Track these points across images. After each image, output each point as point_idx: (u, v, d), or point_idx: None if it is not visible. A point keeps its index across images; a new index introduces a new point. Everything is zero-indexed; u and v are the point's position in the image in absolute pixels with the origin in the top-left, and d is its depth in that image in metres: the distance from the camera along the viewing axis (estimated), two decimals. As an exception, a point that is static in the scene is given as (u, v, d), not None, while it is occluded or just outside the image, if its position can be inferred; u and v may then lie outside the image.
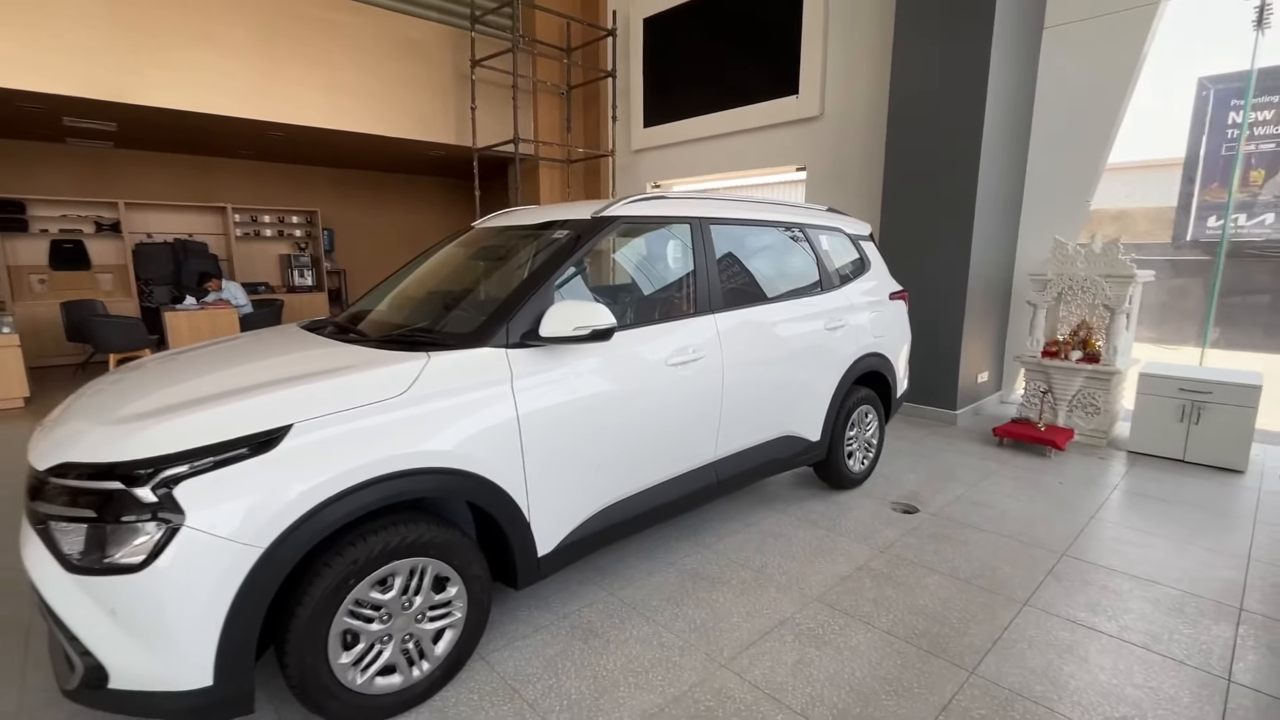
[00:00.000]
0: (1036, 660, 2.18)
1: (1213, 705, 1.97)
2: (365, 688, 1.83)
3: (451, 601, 1.99)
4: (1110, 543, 3.07)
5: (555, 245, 2.46)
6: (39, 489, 1.65)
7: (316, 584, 1.68)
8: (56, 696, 2.00)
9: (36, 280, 8.06)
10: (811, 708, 1.95)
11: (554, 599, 2.56)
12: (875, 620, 2.42)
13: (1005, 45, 4.72)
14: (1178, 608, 2.51)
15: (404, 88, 7.34)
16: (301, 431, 1.66)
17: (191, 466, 1.54)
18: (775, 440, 3.12)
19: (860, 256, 3.78)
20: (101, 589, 1.51)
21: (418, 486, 1.83)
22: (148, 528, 1.50)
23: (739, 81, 6.97)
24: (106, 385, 2.11)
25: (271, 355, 2.20)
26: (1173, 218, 8.08)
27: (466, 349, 2.04)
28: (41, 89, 5.45)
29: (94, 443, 1.61)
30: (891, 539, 3.10)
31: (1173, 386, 4.19)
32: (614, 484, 2.39)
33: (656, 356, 2.48)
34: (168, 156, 8.80)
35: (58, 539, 1.56)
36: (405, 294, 2.92)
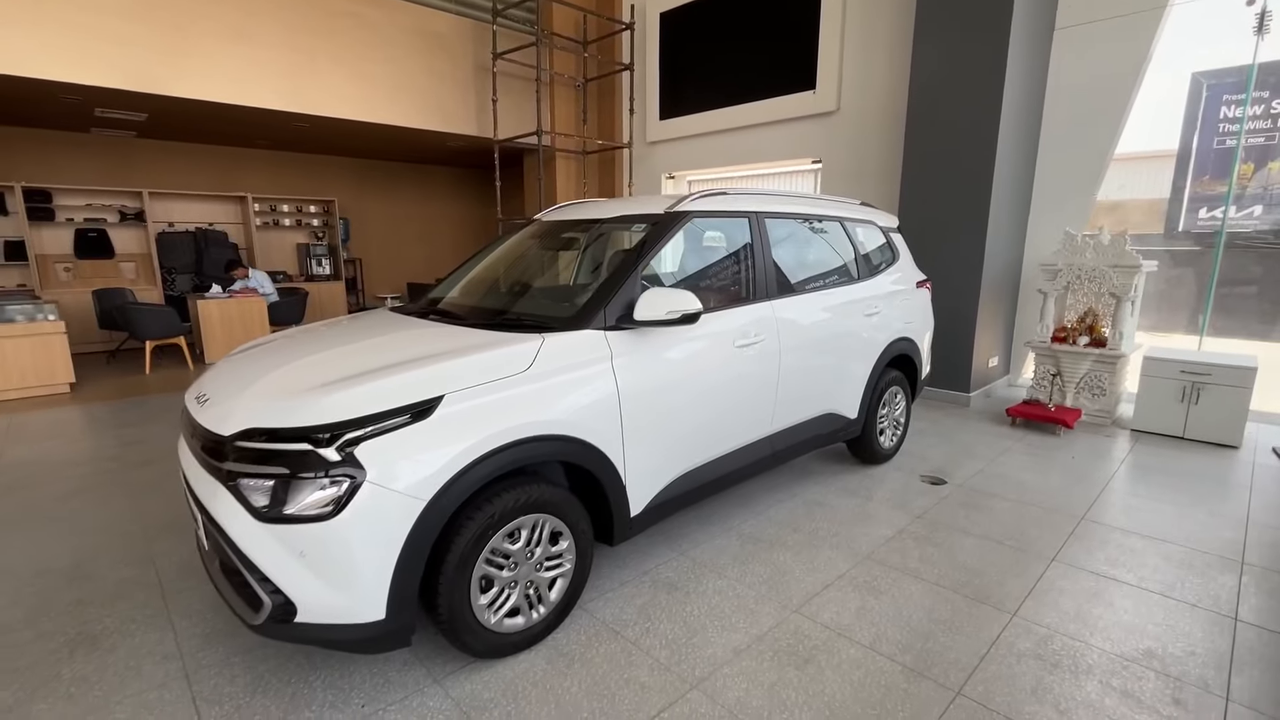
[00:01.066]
0: (1068, 605, 2.49)
1: (1224, 639, 2.28)
2: (497, 626, 2.09)
3: (563, 553, 2.25)
4: (1122, 509, 3.39)
5: (636, 238, 2.70)
6: (221, 451, 1.88)
7: (462, 534, 1.94)
8: (211, 638, 2.26)
9: (62, 269, 8.17)
10: (878, 643, 2.24)
11: (631, 559, 2.83)
12: (922, 574, 2.71)
13: (1020, 45, 4.98)
14: (1187, 562, 2.82)
15: (428, 80, 7.49)
16: (451, 401, 1.91)
17: (367, 430, 1.79)
18: (820, 417, 3.39)
19: (890, 247, 4.05)
20: (293, 535, 1.75)
21: (541, 451, 2.08)
22: (335, 482, 1.74)
23: (755, 76, 7.19)
24: (245, 361, 2.34)
25: (393, 334, 2.45)
26: (1164, 209, 8.42)
27: (572, 331, 2.29)
28: (81, 80, 5.58)
29: (278, 410, 1.84)
30: (925, 506, 3.40)
31: (1174, 369, 4.51)
32: (692, 452, 2.66)
33: (727, 339, 2.75)
34: (189, 146, 8.90)
35: (248, 494, 1.80)
36: (490, 280, 3.15)
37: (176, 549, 2.93)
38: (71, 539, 3.03)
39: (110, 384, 6.41)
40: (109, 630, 2.32)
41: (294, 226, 10.01)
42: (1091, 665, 2.13)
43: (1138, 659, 2.16)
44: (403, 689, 2.02)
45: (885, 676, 2.07)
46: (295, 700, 1.97)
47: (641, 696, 1.98)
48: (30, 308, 5.75)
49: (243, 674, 2.08)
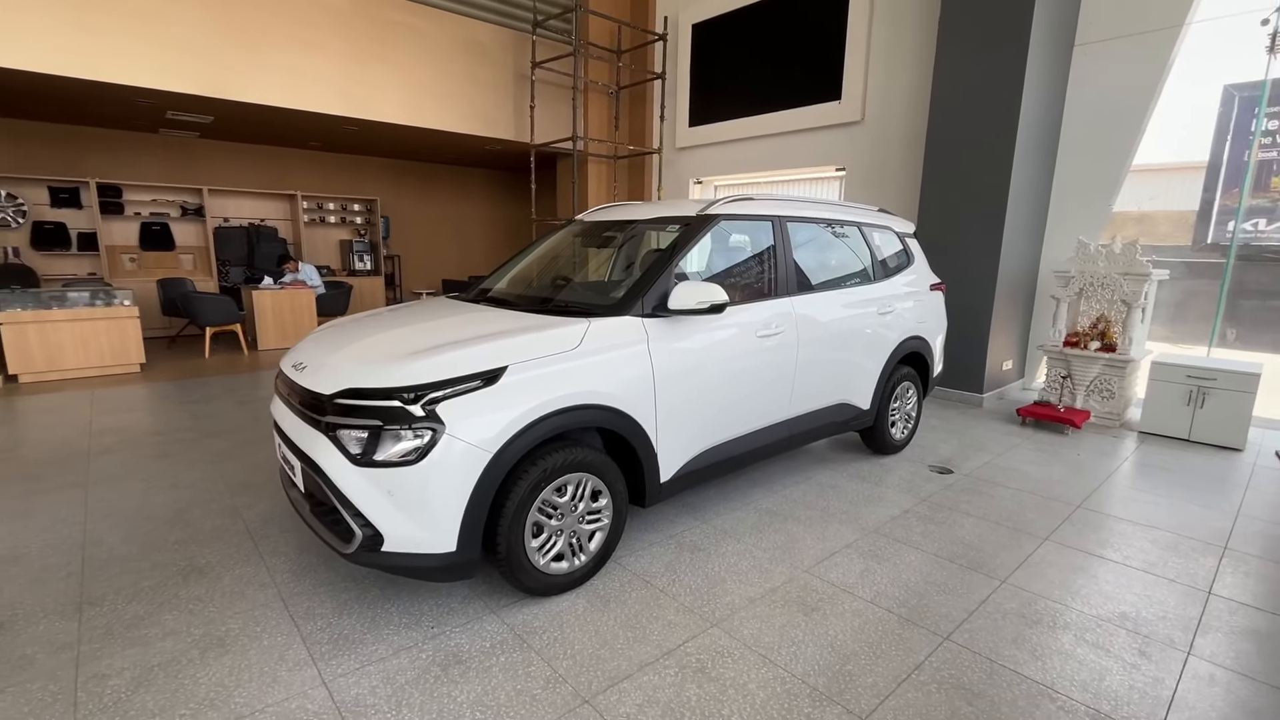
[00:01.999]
0: (1055, 576, 2.74)
1: (1194, 608, 2.52)
2: (545, 568, 2.43)
3: (602, 510, 2.58)
4: (1119, 500, 3.61)
5: (670, 237, 3.03)
6: (322, 407, 2.25)
7: (520, 484, 2.27)
8: (299, 573, 2.63)
9: (128, 259, 8.77)
10: (878, 599, 2.53)
11: (659, 524, 3.15)
12: (923, 546, 2.99)
13: (1039, 60, 5.20)
14: (1172, 545, 3.05)
15: (471, 87, 7.93)
16: (514, 371, 2.26)
17: (446, 392, 2.14)
18: (834, 406, 3.68)
19: (906, 251, 4.31)
20: (383, 477, 2.11)
21: (587, 418, 2.42)
22: (419, 434, 2.10)
23: (782, 86, 7.48)
24: (331, 336, 2.72)
25: (458, 315, 2.81)
26: (1193, 221, 8.48)
27: (613, 316, 2.62)
28: (161, 87, 6.08)
29: (372, 373, 2.21)
30: (931, 491, 3.66)
31: (1181, 373, 4.70)
32: (715, 429, 2.97)
33: (750, 329, 3.06)
34: (246, 146, 9.47)
35: (345, 442, 2.16)
36: (537, 273, 3.51)
37: (256, 504, 3.33)
38: (166, 493, 3.45)
39: (174, 365, 6.92)
40: (212, 564, 2.71)
41: (338, 224, 10.55)
42: (1069, 623, 2.39)
43: (1112, 620, 2.42)
44: (464, 616, 2.36)
45: (882, 624, 2.36)
46: (375, 621, 2.32)
47: (669, 631, 2.30)
48: (110, 294, 6.27)
49: (328, 600, 2.45)
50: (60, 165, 8.17)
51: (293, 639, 2.21)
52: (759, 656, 2.16)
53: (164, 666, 2.06)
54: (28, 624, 2.27)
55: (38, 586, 2.51)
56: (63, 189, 8.15)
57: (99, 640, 2.18)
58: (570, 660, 2.12)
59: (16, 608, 2.37)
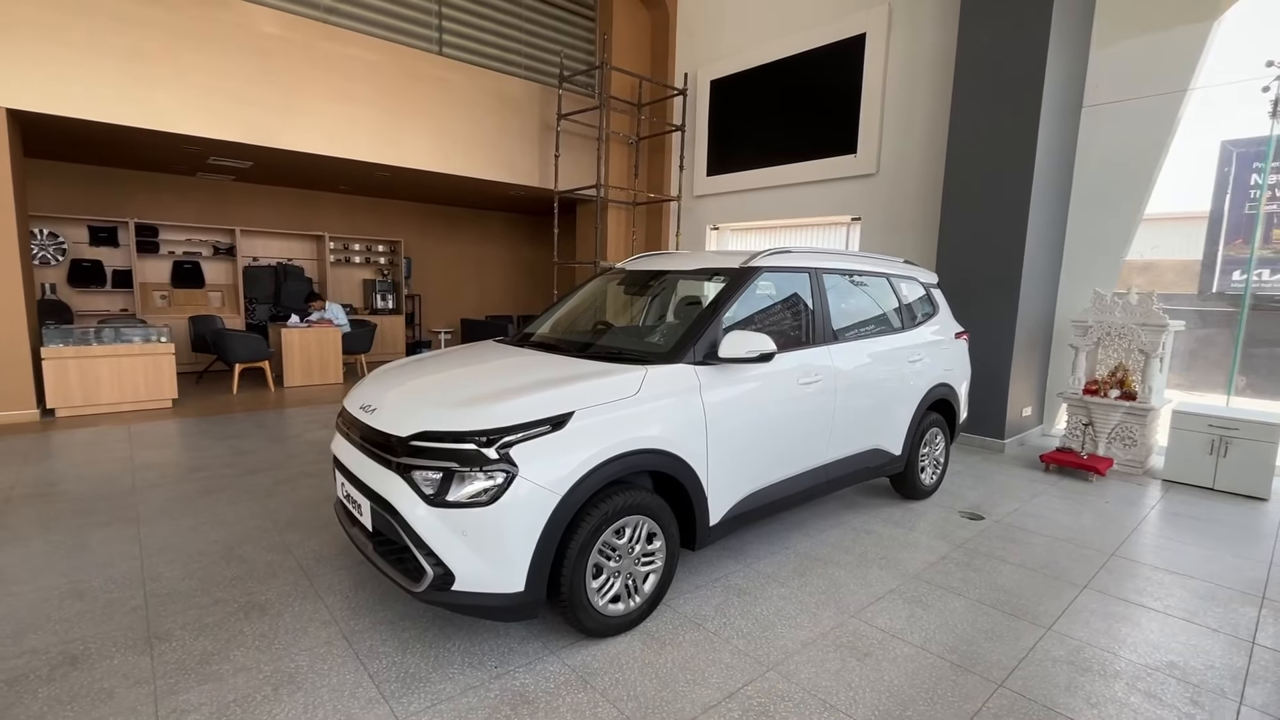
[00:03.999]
0: (1099, 624, 2.78)
1: (1240, 658, 2.56)
2: (603, 609, 2.48)
3: (656, 552, 2.65)
4: (1151, 548, 3.66)
5: (714, 286, 3.18)
6: (395, 448, 2.35)
7: (583, 526, 2.36)
8: (358, 610, 2.69)
9: (159, 296, 8.99)
10: (928, 644, 2.57)
11: (703, 568, 3.20)
12: (965, 593, 3.03)
13: (1050, 119, 5.46)
14: (1210, 594, 3.09)
15: (500, 136, 8.26)
16: (580, 417, 2.36)
17: (518, 436, 2.24)
18: (868, 451, 3.77)
19: (930, 300, 4.46)
20: (456, 518, 2.19)
21: (646, 462, 2.52)
22: (492, 476, 2.19)
23: (799, 139, 7.79)
24: (394, 376, 2.85)
25: (510, 359, 2.95)
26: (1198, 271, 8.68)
27: (667, 364, 2.74)
28: (210, 135, 6.38)
29: (447, 417, 2.31)
30: (965, 537, 3.71)
31: (1203, 423, 4.78)
32: (761, 474, 3.06)
33: (792, 377, 3.18)
34: (278, 189, 9.81)
35: (420, 483, 2.26)
36: (584, 319, 3.66)
37: (306, 541, 3.39)
38: (216, 529, 3.51)
39: (204, 401, 7.04)
40: (271, 601, 2.76)
41: (363, 263, 10.81)
42: (1119, 671, 2.43)
43: (1161, 669, 2.46)
44: (525, 656, 2.41)
45: (935, 670, 2.40)
46: (439, 660, 2.37)
47: (727, 674, 2.34)
48: (147, 330, 6.44)
49: (390, 638, 2.50)
50: (101, 206, 8.47)
51: (361, 677, 2.26)
52: (819, 701, 2.20)
53: (239, 703, 2.11)
54: (102, 658, 2.33)
55: (105, 621, 2.57)
56: (102, 228, 8.43)
57: (173, 675, 2.24)
58: (635, 702, 2.17)
59: (89, 642, 2.42)
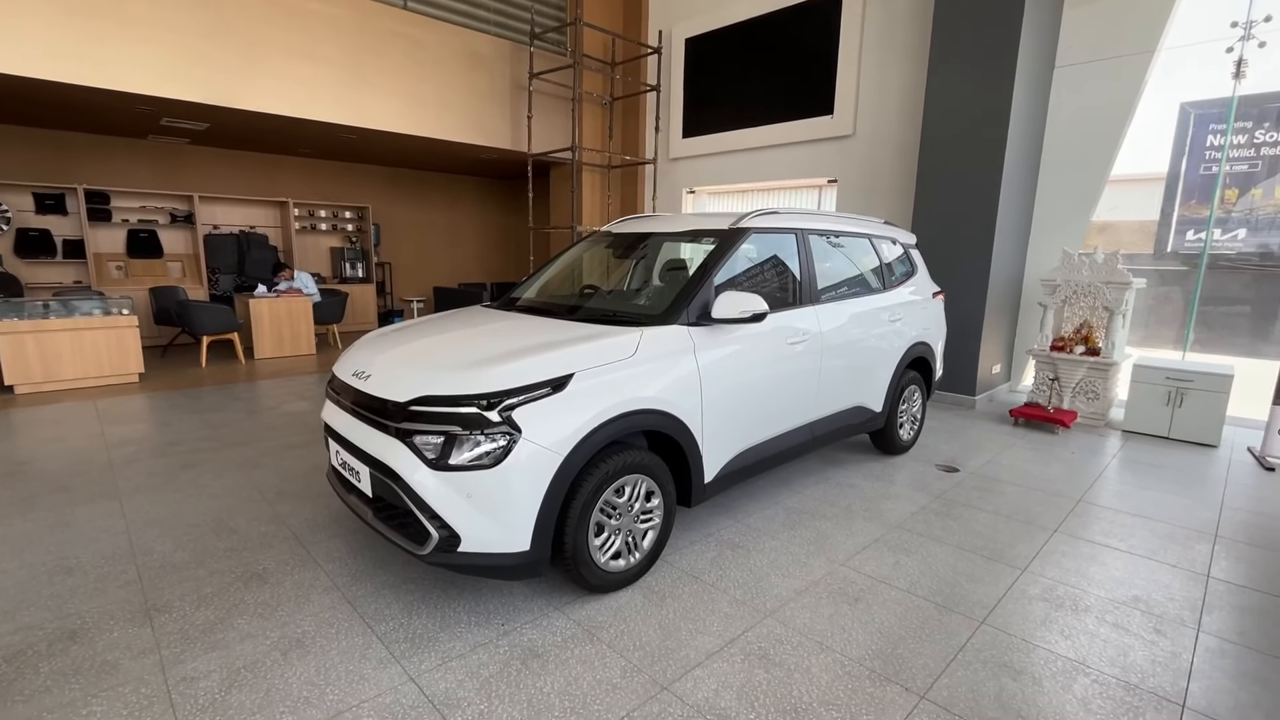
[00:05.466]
0: (1070, 564, 2.96)
1: (1197, 590, 2.76)
2: (605, 566, 2.55)
3: (654, 510, 2.71)
4: (1114, 494, 3.87)
5: (702, 248, 3.19)
6: (391, 413, 2.34)
7: (585, 486, 2.39)
8: (358, 576, 2.71)
9: (114, 267, 8.60)
10: (915, 588, 2.71)
11: (696, 524, 3.29)
12: (945, 539, 3.18)
13: (1024, 80, 5.52)
14: (1169, 534, 3.31)
15: (470, 97, 8.00)
16: (580, 379, 2.38)
17: (520, 398, 2.25)
18: (851, 409, 3.87)
19: (909, 261, 4.55)
20: (461, 480, 2.21)
21: (644, 422, 2.55)
22: (497, 438, 2.21)
23: (775, 100, 7.73)
24: (385, 342, 2.82)
25: (502, 323, 2.93)
26: (1154, 231, 8.97)
27: (662, 325, 2.76)
28: (164, 94, 6.04)
29: (448, 381, 2.31)
30: (943, 489, 3.87)
31: (1161, 375, 5.02)
32: (751, 432, 3.13)
33: (781, 337, 3.23)
34: (237, 153, 9.37)
35: (421, 447, 2.26)
36: (572, 282, 3.63)
37: (298, 510, 3.37)
38: (203, 502, 3.47)
39: (172, 375, 6.83)
40: (270, 570, 2.76)
41: (329, 231, 10.48)
42: (1089, 605, 2.60)
43: (1127, 602, 2.64)
44: (530, 613, 2.47)
45: (922, 611, 2.54)
46: (446, 619, 2.42)
47: (727, 622, 2.44)
48: (107, 302, 6.18)
49: (394, 601, 2.53)
50: (46, 171, 8.00)
51: (369, 639, 2.29)
52: (815, 643, 2.31)
53: (250, 668, 2.12)
54: (101, 631, 2.31)
55: (99, 595, 2.54)
56: (48, 195, 7.98)
57: (177, 645, 2.24)
58: (641, 651, 2.25)
59: (85, 616, 2.40)
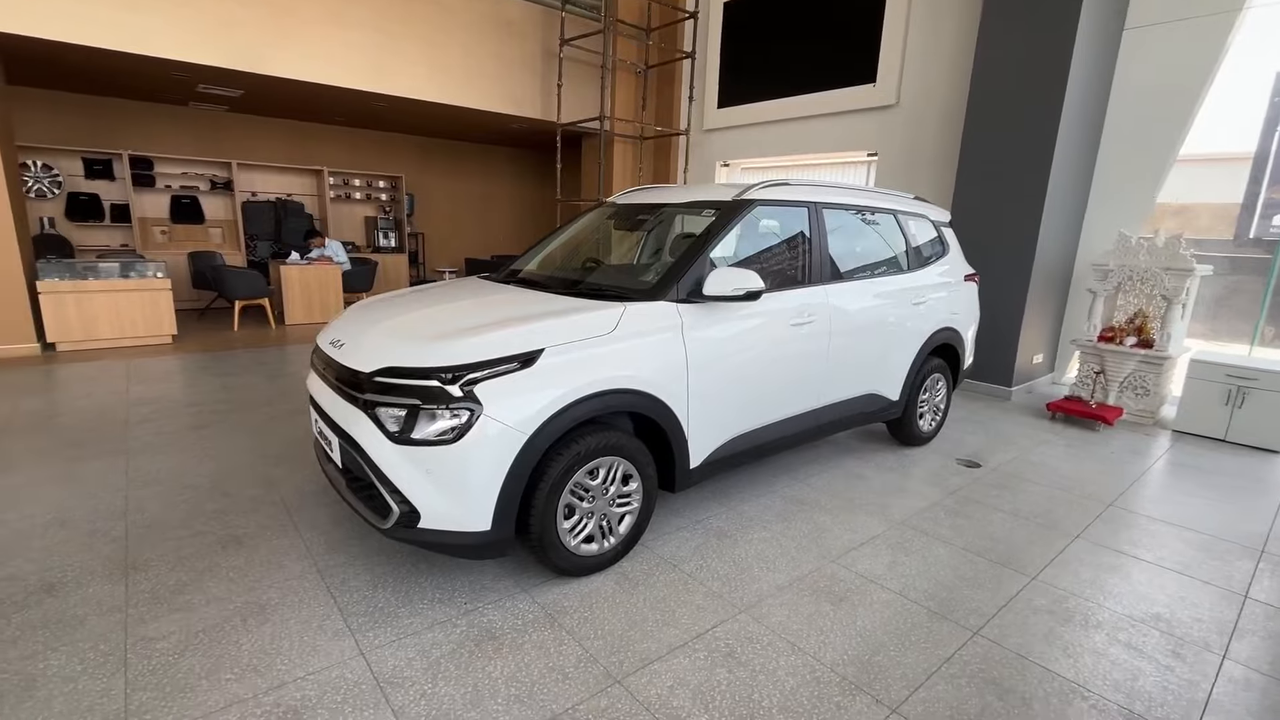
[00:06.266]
0: (1087, 574, 2.71)
1: (1230, 612, 2.49)
2: (576, 549, 2.45)
3: (632, 494, 2.60)
4: (1152, 499, 3.55)
5: (705, 221, 3.00)
6: (360, 384, 2.27)
7: (554, 466, 2.29)
8: (334, 546, 2.69)
9: (159, 232, 8.91)
10: (907, 590, 2.53)
11: (686, 510, 3.16)
12: (952, 540, 2.97)
13: (1087, 42, 5.02)
14: (1207, 547, 3.00)
15: (498, 65, 7.86)
16: (551, 354, 2.26)
17: (484, 373, 2.15)
18: (864, 396, 3.65)
19: (941, 240, 4.23)
20: (421, 455, 2.13)
21: (621, 402, 2.42)
22: (457, 414, 2.12)
23: (815, 68, 7.32)
24: (369, 311, 2.75)
25: (493, 296, 2.82)
26: (1237, 214, 8.19)
27: (649, 301, 2.61)
28: (195, 60, 6.11)
29: (411, 352, 2.22)
30: (959, 485, 3.63)
31: (1220, 372, 4.58)
32: (746, 417, 2.96)
33: (783, 317, 3.03)
34: (273, 121, 9.51)
35: (384, 420, 2.19)
36: (571, 255, 3.50)
37: (291, 477, 3.39)
38: (205, 463, 3.53)
39: (204, 338, 7.05)
40: (250, 534, 2.78)
41: (364, 200, 10.60)
42: (1101, 621, 2.37)
43: (1145, 620, 2.39)
44: (497, 593, 2.40)
45: (911, 616, 2.36)
46: (410, 595, 2.37)
47: (697, 615, 2.32)
48: (143, 266, 6.38)
49: (364, 573, 2.50)
50: (94, 137, 8.28)
51: (330, 610, 2.27)
52: (788, 644, 2.17)
53: (208, 632, 2.12)
54: (78, 586, 2.35)
55: (85, 550, 2.60)
56: (96, 160, 8.27)
57: (145, 604, 2.26)
58: (601, 640, 2.15)
59: (67, 570, 2.45)
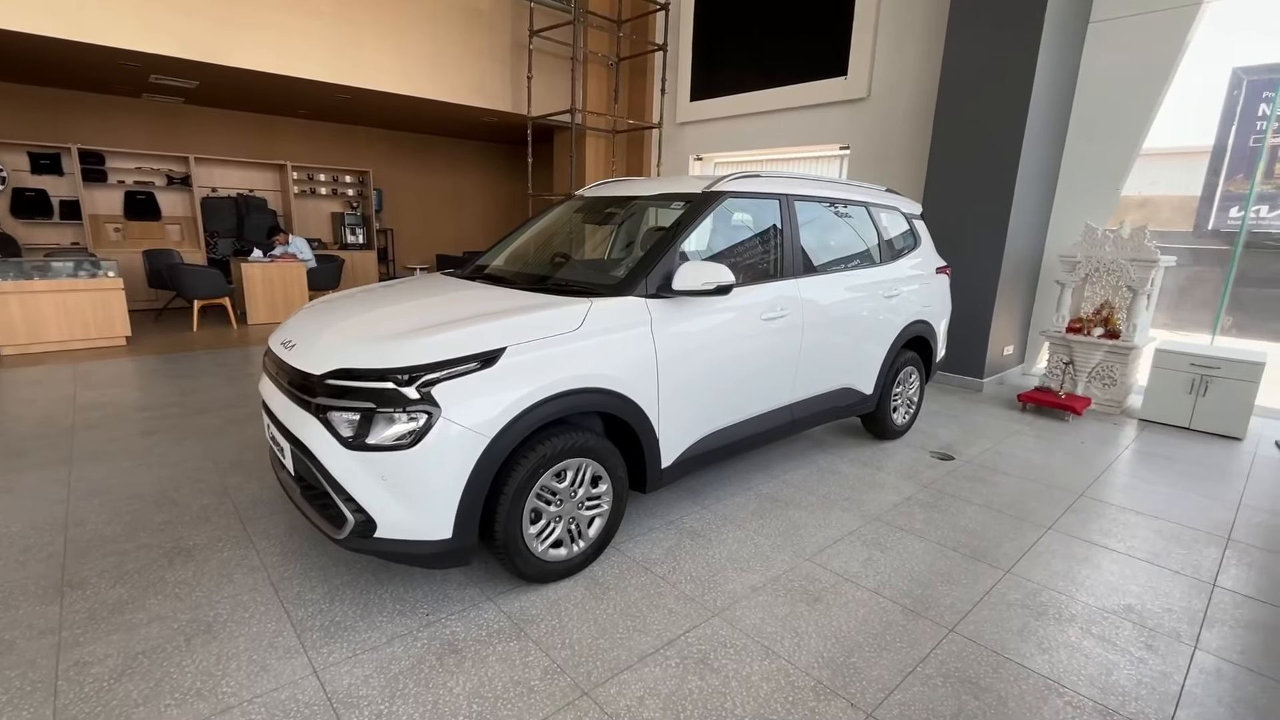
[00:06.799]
0: (1059, 566, 2.71)
1: (1199, 601, 2.50)
2: (543, 555, 2.36)
3: (602, 495, 2.52)
4: (1122, 489, 3.58)
5: (674, 214, 2.92)
6: (312, 388, 2.15)
7: (518, 470, 2.20)
8: (289, 556, 2.56)
9: (112, 229, 8.55)
10: (882, 588, 2.49)
11: (658, 510, 3.09)
12: (926, 534, 2.94)
13: (1053, 37, 5.05)
14: (1175, 536, 3.03)
15: (467, 56, 7.68)
16: (513, 353, 2.17)
17: (442, 374, 2.05)
18: (837, 390, 3.61)
19: (913, 233, 4.21)
20: (376, 462, 2.02)
21: (588, 402, 2.34)
22: (414, 417, 2.01)
23: (787, 60, 7.29)
24: (323, 312, 2.62)
25: (455, 293, 2.71)
26: (1195, 207, 8.37)
27: (616, 297, 2.53)
28: (145, 49, 5.84)
29: (364, 353, 2.11)
30: (933, 478, 3.62)
31: (1185, 361, 4.65)
32: (718, 414, 2.90)
33: (755, 311, 2.97)
34: (233, 113, 9.19)
35: (337, 425, 2.07)
36: (536, 250, 3.40)
37: (246, 484, 3.24)
38: (154, 471, 3.36)
39: (161, 339, 6.78)
40: (200, 546, 2.63)
41: (329, 195, 10.31)
42: (1075, 614, 2.36)
43: (1117, 612, 2.39)
44: (460, 603, 2.30)
45: (886, 614, 2.32)
46: (368, 607, 2.26)
47: (670, 620, 2.25)
48: (94, 264, 6.10)
49: (320, 585, 2.39)
50: (40, 130, 7.89)
51: (283, 625, 2.15)
52: (762, 648, 2.11)
53: (149, 654, 1.99)
54: (6, 608, 2.20)
55: (18, 569, 2.43)
56: (43, 155, 7.89)
57: (81, 626, 2.11)
58: (569, 650, 2.07)
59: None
